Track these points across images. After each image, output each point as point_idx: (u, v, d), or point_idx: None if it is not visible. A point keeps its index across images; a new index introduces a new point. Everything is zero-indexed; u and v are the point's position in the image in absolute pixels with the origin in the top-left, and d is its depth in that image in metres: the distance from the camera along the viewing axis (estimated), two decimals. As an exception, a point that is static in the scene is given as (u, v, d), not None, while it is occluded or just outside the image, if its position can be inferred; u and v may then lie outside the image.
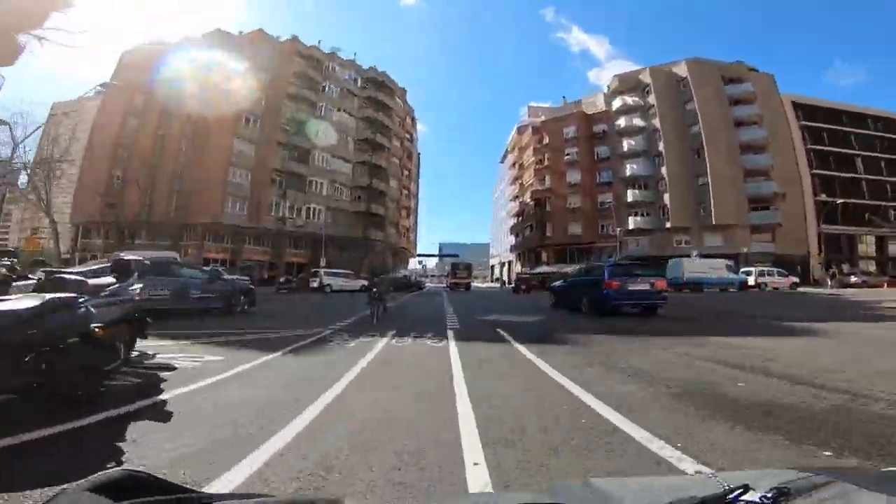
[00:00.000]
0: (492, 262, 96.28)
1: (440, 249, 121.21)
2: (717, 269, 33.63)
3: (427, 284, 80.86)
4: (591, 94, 73.63)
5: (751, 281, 34.69)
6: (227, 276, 12.85)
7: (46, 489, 2.01)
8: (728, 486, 0.65)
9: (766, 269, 36.04)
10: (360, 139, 53.85)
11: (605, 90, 60.58)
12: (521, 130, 69.40)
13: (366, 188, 52.66)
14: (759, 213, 46.40)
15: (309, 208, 46.54)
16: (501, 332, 8.10)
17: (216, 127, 44.48)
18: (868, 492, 0.65)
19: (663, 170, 48.72)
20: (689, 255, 38.75)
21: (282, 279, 36.39)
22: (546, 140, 57.81)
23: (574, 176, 54.10)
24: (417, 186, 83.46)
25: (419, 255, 78.24)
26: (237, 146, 43.97)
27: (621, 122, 52.86)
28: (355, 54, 59.62)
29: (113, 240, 44.65)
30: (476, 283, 58.38)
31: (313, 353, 6.13)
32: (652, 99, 51.52)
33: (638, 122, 52.14)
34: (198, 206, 42.58)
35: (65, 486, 0.57)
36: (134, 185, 42.95)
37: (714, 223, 45.00)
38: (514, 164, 71.54)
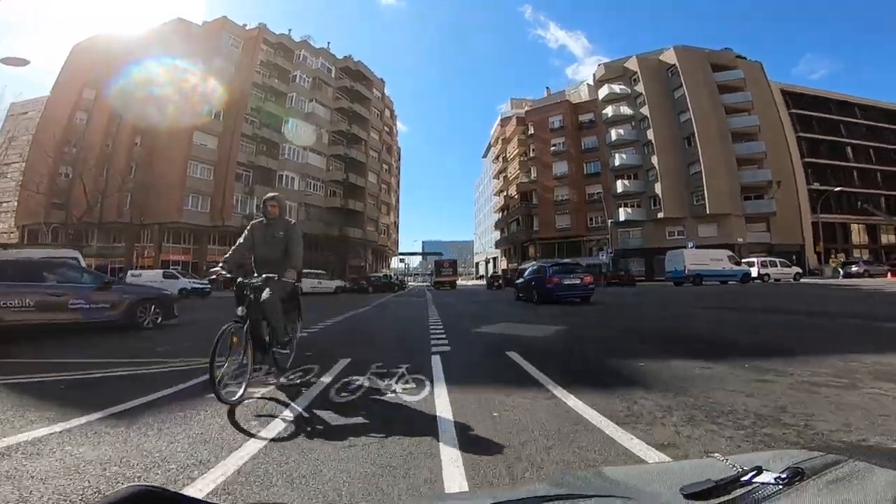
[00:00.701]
0: (476, 259, 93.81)
1: (423, 248, 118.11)
2: (719, 261, 31.50)
3: (410, 284, 77.98)
4: (575, 85, 71.75)
5: (753, 272, 32.67)
6: (130, 282, 9.69)
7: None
8: (741, 468, 0.65)
9: (768, 259, 34.05)
10: (335, 131, 50.55)
11: (591, 80, 58.67)
12: (504, 122, 66.87)
13: (341, 183, 49.39)
14: (754, 203, 44.72)
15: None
16: (518, 360, 5.09)
17: (174, 120, 40.77)
18: (881, 469, 0.64)
19: (653, 159, 46.69)
20: (685, 247, 36.61)
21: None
22: (531, 131, 55.37)
23: (561, 167, 51.75)
24: (399, 182, 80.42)
25: (401, 254, 75.13)
26: (198, 140, 40.31)
27: (608, 110, 50.71)
28: (329, 44, 56.28)
29: (61, 243, 40.68)
30: (461, 281, 55.70)
31: (148, 425, 3.20)
32: (640, 87, 49.50)
33: (626, 110, 50.09)
34: (155, 204, 38.76)
35: None
36: (82, 184, 38.90)
37: (708, 212, 43.05)
38: (497, 158, 68.99)
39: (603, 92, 52.00)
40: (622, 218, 45.72)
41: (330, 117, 50.63)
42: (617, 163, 48.30)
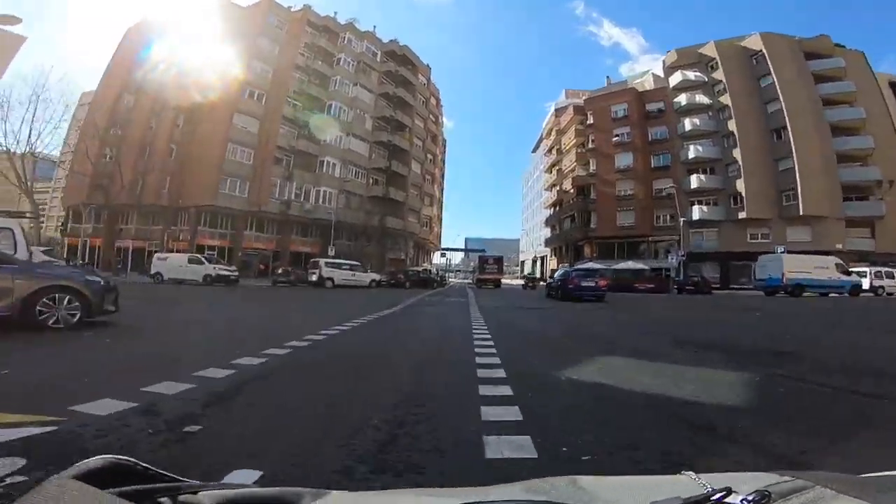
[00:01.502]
0: (522, 257, 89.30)
1: (466, 244, 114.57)
2: (824, 269, 26.17)
3: (451, 280, 74.72)
4: (639, 75, 65.81)
5: (864, 284, 27.00)
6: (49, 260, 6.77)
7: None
8: (711, 487, 0.65)
9: (883, 269, 28.17)
10: (379, 117, 47.91)
11: (656, 69, 53.18)
12: (559, 112, 62.13)
13: (384, 171, 46.72)
14: (856, 204, 38.12)
15: (319, 191, 40.88)
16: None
17: (215, 102, 39.43)
18: (846, 497, 0.66)
19: (735, 152, 40.88)
20: (773, 251, 31.14)
21: (279, 271, 30.78)
22: (590, 120, 50.48)
23: (625, 159, 46.64)
24: (443, 174, 77.33)
25: (444, 249, 72.01)
26: (238, 122, 38.67)
27: (682, 98, 45.12)
28: (374, 27, 53.75)
29: (103, 224, 40.39)
30: (505, 280, 51.72)
31: None
32: (718, 74, 43.70)
33: (702, 99, 44.40)
34: (192, 187, 37.53)
35: (53, 475, 0.56)
36: (124, 165, 38.19)
37: (801, 214, 36.93)
38: (550, 150, 64.35)
39: (675, 79, 46.43)
40: (696, 217, 40.25)
41: (374, 102, 48.07)
42: (691, 155, 42.76)
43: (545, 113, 68.81)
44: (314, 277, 26.95)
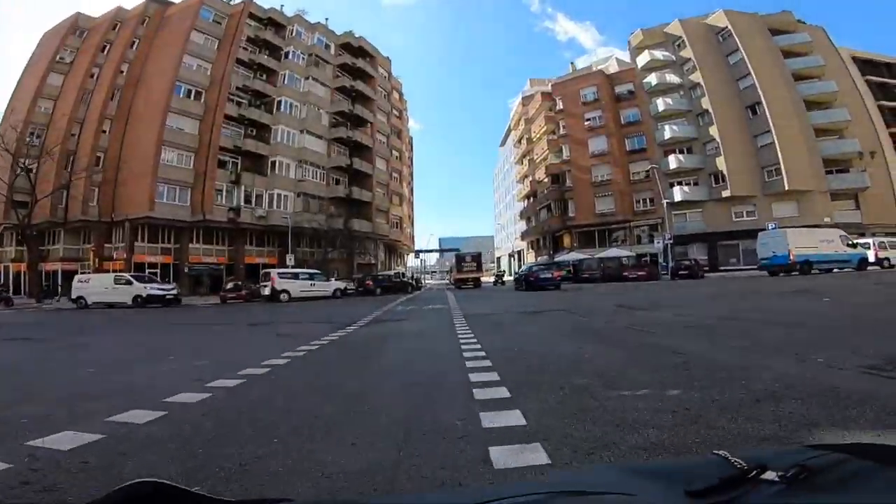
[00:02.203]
0: (497, 254, 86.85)
1: (440, 245, 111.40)
2: (829, 242, 24.31)
3: (427, 282, 71.36)
4: (602, 60, 64.13)
5: (870, 256, 25.34)
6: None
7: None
8: (745, 465, 0.64)
9: (887, 240, 26.64)
10: (336, 112, 44.21)
11: (618, 54, 51.60)
12: (526, 101, 59.79)
13: (345, 169, 43.06)
14: (838, 177, 37.08)
15: (272, 195, 36.85)
16: None
17: (146, 102, 35.10)
18: (885, 468, 0.65)
19: (712, 130, 39.28)
20: (764, 228, 29.30)
21: (229, 285, 26.85)
22: (560, 105, 48.15)
23: (599, 144, 44.45)
24: (412, 173, 74.01)
25: (417, 251, 68.84)
26: (173, 123, 34.27)
27: (651, 79, 43.37)
28: (326, 19, 49.74)
29: (24, 247, 35.25)
30: (483, 278, 48.69)
31: None
32: (686, 52, 42.21)
33: (672, 78, 42.80)
34: (125, 198, 33.12)
35: (91, 500, 0.56)
36: (43, 179, 33.35)
37: (787, 189, 35.45)
38: (519, 140, 61.97)
39: (643, 59, 44.68)
40: (678, 198, 38.31)
41: (330, 97, 44.35)
42: (667, 136, 40.93)
43: (509, 111, 66.50)
44: (267, 291, 23.25)
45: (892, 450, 0.74)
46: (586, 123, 45.50)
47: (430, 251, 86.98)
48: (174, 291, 23.26)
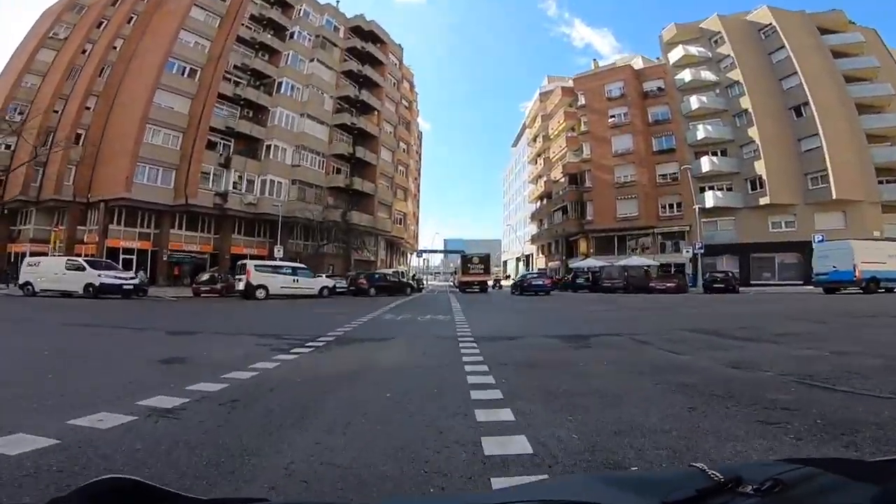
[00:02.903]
0: (504, 257, 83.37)
1: (445, 246, 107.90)
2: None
3: (430, 283, 67.92)
4: (628, 56, 60.61)
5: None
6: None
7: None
8: (721, 478, 0.65)
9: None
10: (341, 97, 41.09)
11: (641, 57, 47.96)
12: (543, 97, 56.44)
13: (347, 158, 39.90)
14: (892, 187, 33.39)
15: (265, 181, 33.76)
16: None
17: (136, 79, 32.17)
18: (856, 483, 0.67)
19: (751, 131, 35.73)
20: (812, 241, 25.86)
21: (205, 276, 23.70)
22: (582, 101, 44.74)
23: (623, 142, 40.96)
24: (419, 169, 70.86)
25: (420, 251, 65.71)
26: (161, 100, 31.30)
27: (684, 75, 39.92)
28: (337, 1, 46.61)
29: (-3, 225, 32.41)
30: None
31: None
32: (725, 49, 38.86)
33: (707, 75, 39.34)
34: (102, 178, 30.22)
35: (56, 496, 0.55)
36: (21, 155, 30.53)
37: (834, 197, 31.82)
38: (534, 139, 58.62)
39: (675, 54, 41.23)
40: (710, 203, 34.78)
41: (335, 81, 41.26)
42: (699, 136, 37.43)
43: (522, 114, 63.18)
44: (242, 285, 20.04)
45: (863, 465, 0.77)
46: (610, 120, 42.05)
47: (434, 251, 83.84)
48: (135, 281, 20.09)
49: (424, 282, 48.29)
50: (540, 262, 56.33)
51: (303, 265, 23.04)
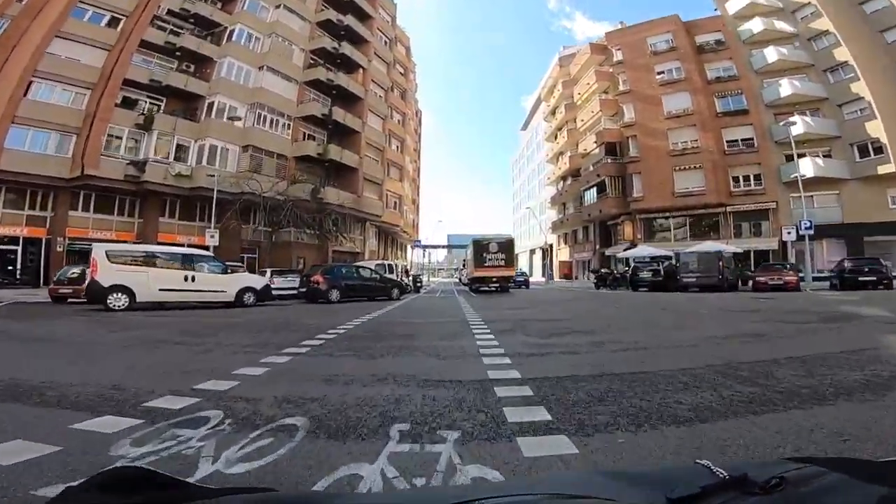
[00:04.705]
0: (517, 250, 74.45)
1: (448, 241, 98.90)
2: None
3: (432, 280, 59.11)
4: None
5: None
6: None
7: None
8: (726, 475, 0.65)
9: None
10: (316, 50, 32.33)
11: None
12: (564, 61, 47.46)
13: (322, 122, 31.21)
14: None
15: (203, 147, 25.15)
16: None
17: (33, 30, 23.53)
18: (861, 483, 0.67)
19: (855, 87, 26.94)
20: None
21: (72, 272, 15.16)
22: (618, 56, 35.84)
23: (678, 101, 32.05)
24: (419, 152, 62.17)
25: (423, 246, 57.31)
26: (60, 50, 22.79)
27: (752, 25, 31.35)
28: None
29: None
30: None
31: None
32: (801, -4, 29.87)
33: (783, 26, 30.50)
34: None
35: (66, 485, 0.56)
36: None
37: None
38: (553, 112, 49.72)
39: (736, 4, 32.44)
40: (810, 172, 25.87)
41: (309, 33, 32.55)
42: (784, 92, 28.64)
43: (523, 110, 54.30)
44: (106, 285, 11.41)
45: (870, 465, 0.76)
46: (658, 77, 33.17)
47: (436, 247, 75.20)
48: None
49: (423, 279, 39.66)
50: (563, 255, 47.45)
51: (207, 253, 14.44)
